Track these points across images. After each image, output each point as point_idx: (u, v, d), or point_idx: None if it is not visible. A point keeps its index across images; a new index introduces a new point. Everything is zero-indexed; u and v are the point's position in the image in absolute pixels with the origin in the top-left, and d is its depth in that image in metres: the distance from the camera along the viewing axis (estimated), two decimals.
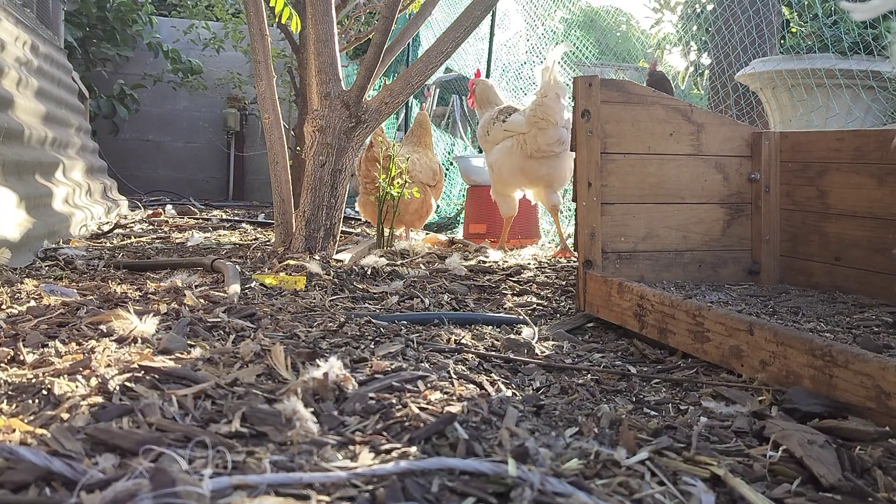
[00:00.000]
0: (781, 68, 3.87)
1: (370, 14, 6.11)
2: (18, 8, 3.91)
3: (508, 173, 3.56)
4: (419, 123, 4.16)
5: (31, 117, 3.56)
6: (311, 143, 3.03)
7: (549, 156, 3.43)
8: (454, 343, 1.67)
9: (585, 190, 2.11)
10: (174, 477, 0.78)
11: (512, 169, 3.53)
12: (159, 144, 8.46)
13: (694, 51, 7.22)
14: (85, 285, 2.20)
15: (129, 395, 1.12)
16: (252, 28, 3.27)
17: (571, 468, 0.93)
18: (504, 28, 6.19)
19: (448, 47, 3.08)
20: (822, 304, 2.00)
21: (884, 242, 2.03)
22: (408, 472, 0.88)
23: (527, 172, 3.50)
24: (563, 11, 6.74)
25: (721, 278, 2.31)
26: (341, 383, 1.21)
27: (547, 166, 3.46)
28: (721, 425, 1.16)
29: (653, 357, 1.66)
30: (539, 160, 3.45)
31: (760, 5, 5.15)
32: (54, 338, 1.48)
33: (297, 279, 2.31)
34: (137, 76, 8.02)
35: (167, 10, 9.18)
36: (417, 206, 3.72)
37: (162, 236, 3.89)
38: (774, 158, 2.33)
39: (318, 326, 1.74)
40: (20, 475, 0.82)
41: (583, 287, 2.05)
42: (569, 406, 1.26)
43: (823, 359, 1.24)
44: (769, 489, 0.94)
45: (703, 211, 2.30)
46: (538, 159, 3.44)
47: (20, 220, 2.73)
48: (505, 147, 3.56)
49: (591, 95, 2.12)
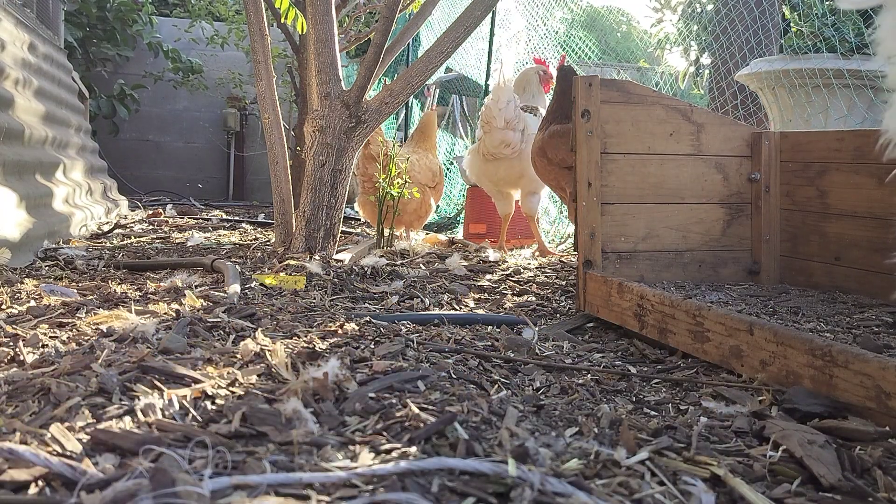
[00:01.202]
0: (782, 68, 3.87)
1: (370, 14, 6.11)
2: (18, 8, 3.91)
3: (474, 175, 3.72)
4: (424, 125, 4.17)
5: (32, 117, 3.56)
6: (311, 143, 3.03)
7: (500, 158, 3.49)
8: (454, 343, 1.67)
9: (585, 190, 2.11)
10: (174, 477, 0.78)
11: (475, 170, 3.68)
12: (159, 144, 8.45)
13: (694, 51, 7.22)
14: (85, 285, 2.20)
15: (129, 395, 1.12)
16: (252, 28, 3.27)
17: (571, 468, 0.93)
18: (505, 28, 6.18)
19: (448, 47, 3.08)
20: (822, 304, 2.00)
21: (884, 242, 2.03)
22: (408, 472, 0.88)
23: (487, 174, 3.62)
24: (563, 11, 6.74)
25: (721, 278, 2.31)
26: (341, 383, 1.21)
27: (503, 168, 3.53)
28: (721, 425, 1.16)
29: (653, 357, 1.66)
30: (494, 162, 3.53)
31: (764, 5, 5.15)
32: (54, 338, 1.49)
33: (297, 279, 2.31)
34: (137, 76, 8.02)
35: (168, 10, 9.18)
36: (416, 206, 3.74)
37: (162, 236, 3.89)
38: (774, 158, 2.33)
39: (318, 326, 1.74)
40: (20, 475, 0.82)
41: (583, 287, 2.05)
42: (569, 406, 1.26)
43: (823, 359, 1.24)
44: (769, 489, 0.94)
45: (703, 211, 2.30)
46: (492, 161, 3.53)
47: (20, 220, 2.73)
48: (473, 149, 3.71)
49: (591, 95, 2.12)
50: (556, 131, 2.93)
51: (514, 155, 3.45)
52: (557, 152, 2.90)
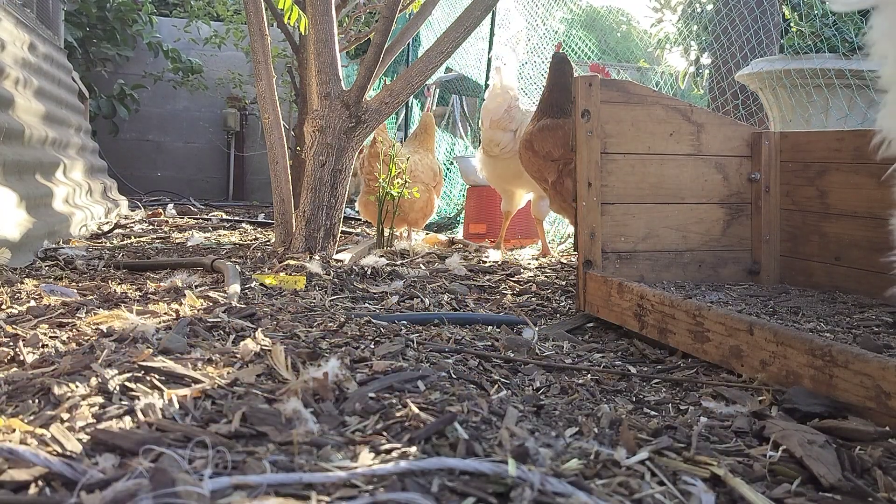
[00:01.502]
0: (782, 68, 3.87)
1: (370, 14, 6.11)
2: (18, 8, 3.91)
3: (483, 171, 3.83)
4: (424, 126, 4.21)
5: (32, 117, 3.56)
6: (311, 143, 3.03)
7: (496, 155, 3.59)
8: (454, 343, 1.67)
9: (585, 190, 2.11)
10: (174, 477, 0.78)
11: (481, 166, 3.80)
12: (159, 144, 8.45)
13: (694, 51, 7.22)
14: (85, 285, 2.20)
15: (129, 395, 1.12)
16: (252, 28, 3.27)
17: (571, 468, 0.93)
18: (504, 28, 6.18)
19: (448, 47, 3.08)
20: (822, 304, 2.00)
21: (884, 242, 2.02)
22: (408, 472, 0.88)
23: (488, 170, 3.75)
24: (563, 11, 6.74)
25: (721, 278, 2.31)
26: (341, 383, 1.21)
27: (500, 166, 3.62)
28: (721, 425, 1.16)
29: (653, 357, 1.66)
30: (493, 159, 3.63)
31: (765, 5, 5.15)
32: (54, 338, 1.49)
33: (297, 279, 2.31)
34: (137, 76, 8.02)
35: (167, 10, 9.18)
36: (423, 204, 3.82)
37: (162, 236, 3.89)
38: (774, 158, 2.33)
39: (318, 326, 1.74)
40: (20, 475, 0.82)
41: (583, 287, 2.05)
42: (569, 406, 1.26)
43: (823, 359, 1.24)
44: (769, 489, 0.94)
45: (703, 211, 2.30)
46: (492, 158, 3.63)
47: (20, 220, 2.73)
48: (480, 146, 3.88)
49: (591, 95, 2.12)
50: (546, 125, 2.99)
51: (507, 154, 3.53)
52: (544, 145, 2.99)
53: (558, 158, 2.97)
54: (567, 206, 3.00)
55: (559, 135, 2.94)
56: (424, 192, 3.73)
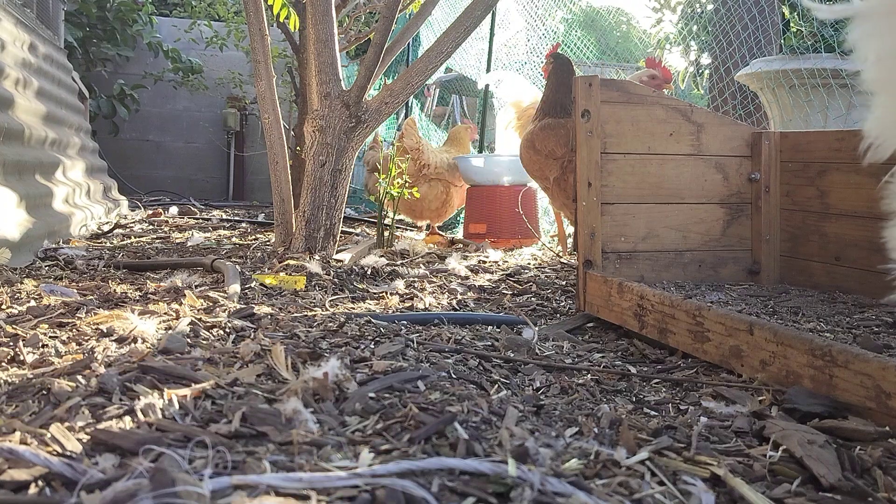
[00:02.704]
0: (781, 68, 3.87)
1: (370, 14, 6.11)
2: (18, 8, 3.91)
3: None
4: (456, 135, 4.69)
5: (32, 117, 3.56)
6: (311, 143, 3.03)
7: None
8: (454, 343, 1.67)
9: (585, 190, 2.11)
10: (174, 477, 0.78)
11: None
12: (159, 144, 8.45)
13: (694, 51, 7.22)
14: (85, 285, 2.20)
15: (128, 394, 1.12)
16: (252, 28, 3.27)
17: (571, 468, 0.93)
18: (504, 28, 6.18)
19: (448, 47, 3.08)
20: (822, 304, 2.00)
21: (884, 243, 2.02)
22: (408, 472, 0.88)
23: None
24: (563, 11, 6.74)
25: (721, 278, 2.31)
26: (341, 383, 1.21)
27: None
28: (721, 425, 1.16)
29: (653, 357, 1.66)
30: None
31: (764, 5, 5.15)
32: (54, 338, 1.49)
33: (297, 279, 2.31)
34: (137, 76, 8.01)
35: (168, 10, 9.18)
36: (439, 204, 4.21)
37: (162, 236, 3.89)
38: (774, 158, 2.33)
39: (318, 326, 1.74)
40: (20, 475, 0.82)
41: (583, 287, 2.05)
42: (569, 406, 1.26)
43: (823, 359, 1.24)
44: (769, 489, 0.94)
45: (703, 211, 2.30)
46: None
47: (20, 220, 2.73)
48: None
49: (590, 95, 2.12)
50: (549, 124, 3.05)
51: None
52: (546, 143, 3.06)
53: (560, 157, 3.02)
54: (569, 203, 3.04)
55: (561, 133, 2.98)
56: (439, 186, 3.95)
